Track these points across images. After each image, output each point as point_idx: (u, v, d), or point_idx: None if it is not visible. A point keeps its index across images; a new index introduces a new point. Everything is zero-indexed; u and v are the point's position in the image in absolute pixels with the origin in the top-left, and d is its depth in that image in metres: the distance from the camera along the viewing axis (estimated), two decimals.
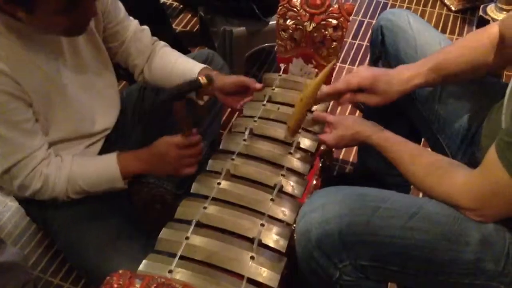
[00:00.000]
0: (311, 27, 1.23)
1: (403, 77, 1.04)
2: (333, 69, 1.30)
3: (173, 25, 2.23)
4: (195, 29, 2.28)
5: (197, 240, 0.92)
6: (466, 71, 1.02)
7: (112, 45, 1.21)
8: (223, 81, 1.18)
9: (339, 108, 1.90)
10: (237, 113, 1.87)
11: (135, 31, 1.23)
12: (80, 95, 1.11)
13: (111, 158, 1.08)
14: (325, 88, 1.09)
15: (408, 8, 2.34)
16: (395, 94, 1.05)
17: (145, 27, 1.27)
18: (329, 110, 1.27)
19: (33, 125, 1.01)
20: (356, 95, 1.08)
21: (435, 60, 1.04)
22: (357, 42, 2.18)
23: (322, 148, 1.34)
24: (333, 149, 1.61)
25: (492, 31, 0.99)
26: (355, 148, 1.72)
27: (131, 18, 1.24)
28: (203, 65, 1.22)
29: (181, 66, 1.23)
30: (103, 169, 1.09)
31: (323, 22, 1.21)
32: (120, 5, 1.21)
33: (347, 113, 1.88)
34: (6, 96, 0.94)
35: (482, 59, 1.00)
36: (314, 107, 1.18)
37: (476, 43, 1.01)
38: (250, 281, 0.87)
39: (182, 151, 1.05)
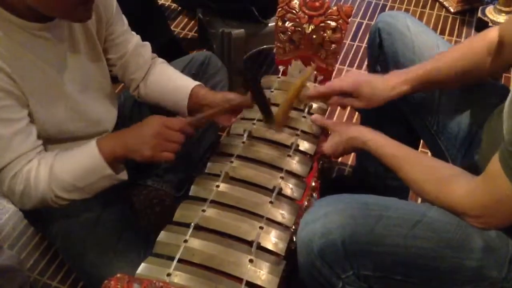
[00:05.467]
0: (310, 29, 1.23)
1: (388, 83, 1.06)
2: (331, 72, 1.30)
3: (171, 27, 2.23)
4: (193, 31, 2.28)
5: (196, 243, 0.92)
6: (460, 78, 1.02)
7: (111, 57, 1.20)
8: (214, 99, 1.16)
9: (337, 111, 1.90)
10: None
11: (136, 46, 1.22)
12: (79, 98, 1.11)
13: (91, 144, 1.01)
14: (309, 91, 1.15)
15: (407, 9, 2.34)
16: (379, 100, 1.07)
17: (146, 42, 1.26)
18: (327, 113, 1.27)
19: (27, 126, 0.98)
20: (343, 98, 1.11)
21: (424, 68, 1.04)
22: (356, 43, 2.18)
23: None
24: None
25: (490, 35, 0.98)
26: None
27: (134, 33, 1.24)
28: (197, 82, 1.21)
29: (176, 83, 1.22)
30: (84, 156, 1.00)
31: (322, 24, 1.21)
32: (124, 18, 1.20)
33: (345, 116, 1.88)
34: (1, 93, 0.92)
35: (477, 66, 1.00)
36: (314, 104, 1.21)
37: (472, 50, 1.01)
38: (249, 284, 0.86)
39: (163, 130, 0.99)
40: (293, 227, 0.97)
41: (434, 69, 1.03)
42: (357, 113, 1.87)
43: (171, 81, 1.23)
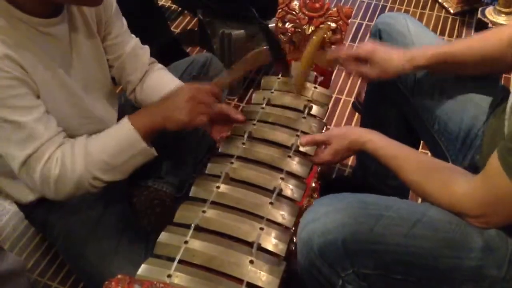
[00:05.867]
0: (310, 30, 1.23)
1: (406, 55, 1.06)
2: (331, 72, 1.30)
3: (172, 28, 2.23)
4: (194, 32, 2.28)
5: (196, 244, 0.92)
6: (478, 63, 1.03)
7: (109, 57, 1.20)
8: None
9: (337, 111, 1.90)
10: None
11: (134, 48, 1.22)
12: (83, 95, 1.11)
13: (123, 121, 1.02)
14: (326, 55, 1.18)
15: (407, 10, 2.34)
16: (393, 71, 1.07)
17: (146, 46, 1.26)
18: (327, 114, 1.27)
19: (45, 112, 0.97)
20: (359, 65, 1.12)
21: (441, 48, 1.06)
22: (356, 44, 2.18)
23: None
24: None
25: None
26: None
27: (133, 35, 1.23)
28: None
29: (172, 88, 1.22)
30: (118, 133, 1.01)
31: (322, 25, 1.21)
32: (123, 19, 1.20)
33: (346, 115, 1.88)
34: (15, 81, 0.92)
35: (493, 53, 1.00)
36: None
37: (490, 37, 1.02)
38: (250, 285, 0.86)
39: (195, 94, 1.01)
40: (293, 228, 0.97)
41: (454, 49, 1.04)
42: (357, 114, 1.87)
43: (168, 87, 1.22)
